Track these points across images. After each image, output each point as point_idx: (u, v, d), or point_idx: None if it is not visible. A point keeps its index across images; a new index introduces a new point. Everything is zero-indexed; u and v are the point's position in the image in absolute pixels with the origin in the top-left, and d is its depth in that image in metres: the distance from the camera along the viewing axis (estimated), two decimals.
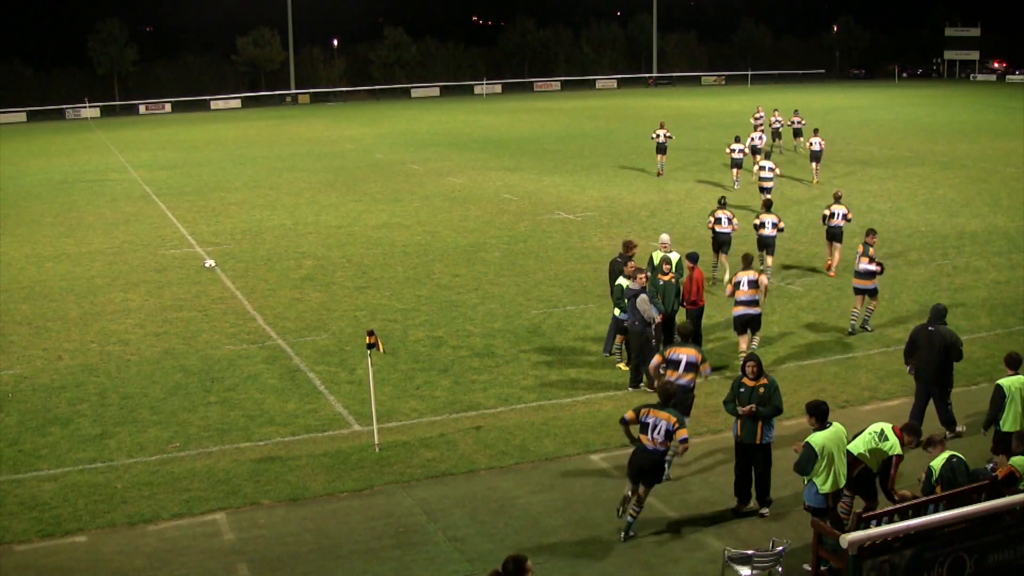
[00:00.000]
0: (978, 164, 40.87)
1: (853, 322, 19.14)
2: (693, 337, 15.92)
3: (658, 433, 11.54)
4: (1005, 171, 38.75)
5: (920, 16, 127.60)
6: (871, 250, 19.00)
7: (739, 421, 12.25)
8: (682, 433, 11.64)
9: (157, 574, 11.24)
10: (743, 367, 12.44)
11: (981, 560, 9.78)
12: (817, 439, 10.85)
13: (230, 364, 18.14)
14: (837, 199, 23.91)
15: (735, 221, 23.30)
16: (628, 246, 18.13)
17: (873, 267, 18.79)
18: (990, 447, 12.81)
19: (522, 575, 7.65)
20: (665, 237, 19.01)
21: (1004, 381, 12.60)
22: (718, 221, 23.02)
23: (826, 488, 10.84)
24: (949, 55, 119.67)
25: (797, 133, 47.23)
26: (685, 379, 13.60)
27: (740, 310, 17.47)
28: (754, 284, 17.43)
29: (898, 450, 11.06)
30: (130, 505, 12.75)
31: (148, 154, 53.36)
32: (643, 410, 11.75)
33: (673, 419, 11.54)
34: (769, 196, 28.03)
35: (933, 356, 14.01)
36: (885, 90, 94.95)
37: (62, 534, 12.10)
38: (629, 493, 11.78)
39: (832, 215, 23.38)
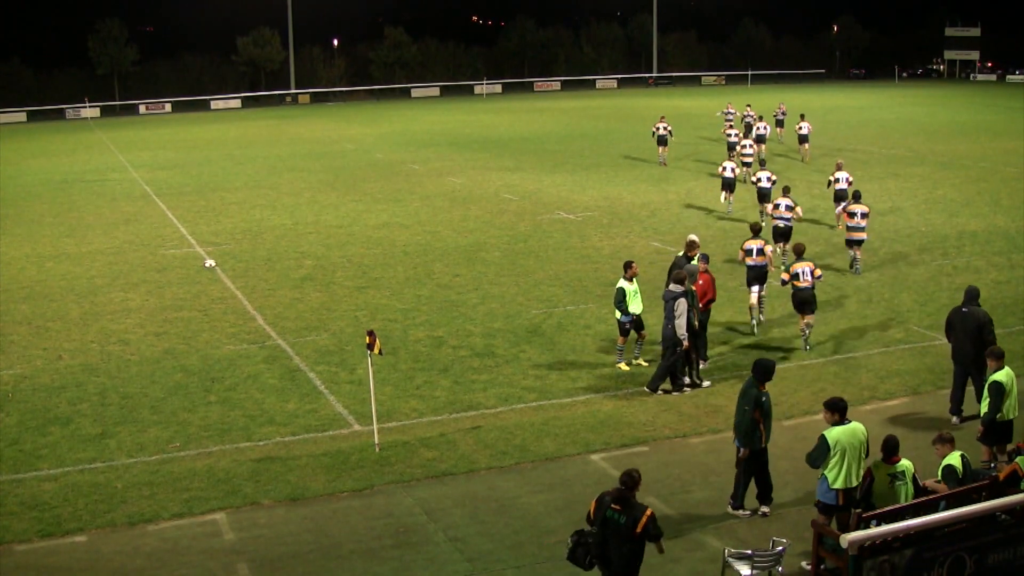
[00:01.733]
0: (978, 164, 40.86)
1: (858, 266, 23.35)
2: (701, 337, 17.43)
3: (805, 276, 17.34)
4: (1005, 171, 38.74)
5: (920, 16, 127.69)
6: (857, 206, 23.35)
7: (765, 432, 11.99)
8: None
9: (157, 574, 11.24)
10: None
11: (981, 560, 9.77)
12: (832, 433, 10.79)
13: (230, 364, 18.14)
14: (839, 167, 28.07)
15: (737, 170, 31.01)
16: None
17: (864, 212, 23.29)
18: (976, 437, 12.99)
19: (638, 486, 9.53)
20: (693, 237, 18.46)
21: (999, 376, 12.72)
22: (724, 168, 30.53)
23: (838, 484, 10.75)
24: (949, 55, 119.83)
25: (780, 124, 48.30)
26: (761, 261, 18.94)
27: (777, 222, 23.85)
28: (791, 208, 23.78)
29: (912, 467, 10.93)
30: (130, 505, 12.76)
31: (148, 154, 53.38)
32: (792, 267, 17.43)
33: (809, 264, 17.50)
34: (750, 165, 34.68)
35: (967, 337, 14.34)
36: (885, 90, 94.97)
37: (62, 534, 12.10)
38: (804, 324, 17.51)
39: (836, 180, 27.75)
